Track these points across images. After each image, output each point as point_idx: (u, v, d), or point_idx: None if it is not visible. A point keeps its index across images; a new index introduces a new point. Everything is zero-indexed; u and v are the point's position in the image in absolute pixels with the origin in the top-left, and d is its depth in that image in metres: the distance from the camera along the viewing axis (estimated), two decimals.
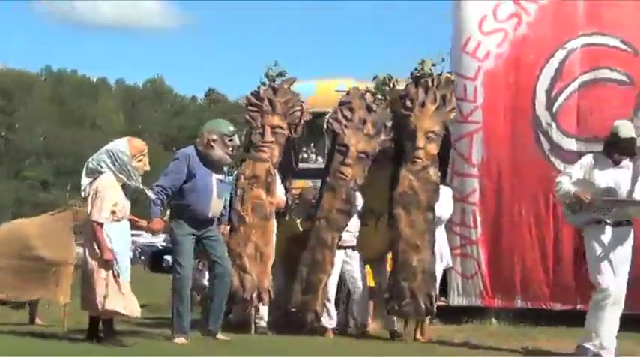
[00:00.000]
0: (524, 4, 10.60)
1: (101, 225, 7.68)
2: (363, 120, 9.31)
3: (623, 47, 10.29)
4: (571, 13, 10.53)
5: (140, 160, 7.96)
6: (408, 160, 9.05)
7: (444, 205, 9.20)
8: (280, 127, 9.43)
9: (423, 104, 9.14)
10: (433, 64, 9.36)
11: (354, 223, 9.27)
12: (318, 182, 9.90)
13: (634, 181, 7.87)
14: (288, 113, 9.52)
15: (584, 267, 9.83)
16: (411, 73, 9.40)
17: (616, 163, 7.91)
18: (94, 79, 79.12)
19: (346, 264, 9.26)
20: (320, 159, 11.81)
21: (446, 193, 9.29)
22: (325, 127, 9.53)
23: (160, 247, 30.67)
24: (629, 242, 7.92)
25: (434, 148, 9.09)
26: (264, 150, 9.30)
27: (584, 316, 9.48)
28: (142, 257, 32.61)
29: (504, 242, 10.30)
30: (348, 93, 9.57)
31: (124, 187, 7.89)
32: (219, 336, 8.30)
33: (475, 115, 10.37)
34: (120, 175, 7.83)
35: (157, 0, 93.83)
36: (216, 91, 67.39)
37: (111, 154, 7.86)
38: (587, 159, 8.15)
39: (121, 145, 7.94)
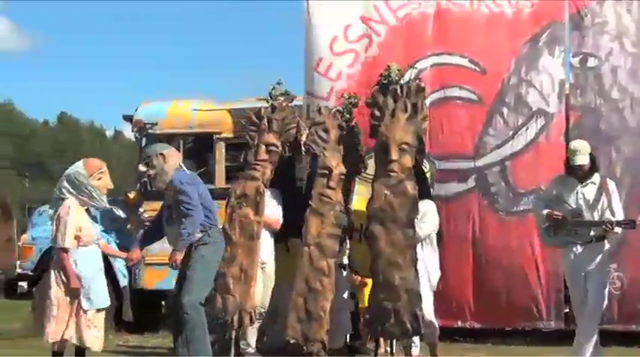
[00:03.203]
0: (374, 25, 10.76)
1: (66, 251, 7.44)
2: (338, 140, 9.00)
3: (472, 66, 10.54)
4: (420, 34, 10.74)
5: (100, 178, 7.77)
6: (382, 174, 8.55)
7: (427, 221, 8.77)
8: (275, 145, 9.08)
9: (393, 113, 8.67)
10: (398, 70, 8.93)
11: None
12: None
13: (598, 198, 7.99)
14: (283, 131, 9.19)
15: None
16: (378, 81, 8.95)
17: (581, 181, 8.03)
18: None
19: None
20: None
21: (428, 206, 8.85)
22: (304, 149, 9.17)
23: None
24: (603, 257, 8.02)
25: (408, 161, 8.50)
26: (257, 168, 8.97)
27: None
28: None
29: None
30: (319, 113, 9.22)
31: (89, 211, 7.75)
32: None
33: None
34: (82, 198, 7.65)
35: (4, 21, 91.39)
36: (68, 114, 65.95)
37: (69, 178, 7.68)
38: (557, 179, 8.33)
39: (78, 167, 7.77)
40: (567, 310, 9.96)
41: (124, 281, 11.86)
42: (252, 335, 9.05)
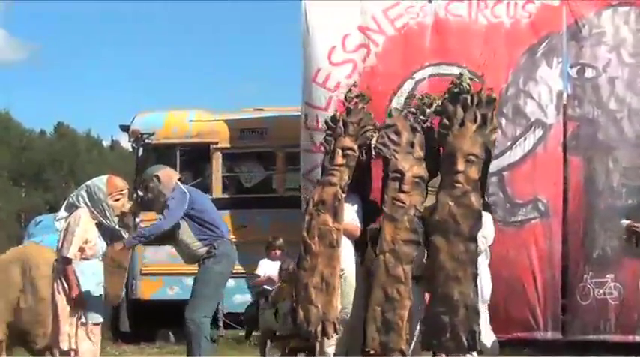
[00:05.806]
0: (372, 35, 10.77)
1: (69, 261, 7.41)
2: (411, 142, 8.70)
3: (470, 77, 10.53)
4: (418, 44, 10.76)
5: (117, 200, 7.74)
6: (447, 185, 8.35)
7: (486, 233, 8.54)
8: (351, 149, 8.78)
9: (462, 123, 8.47)
10: (470, 79, 8.84)
11: None
12: None
13: None
14: (360, 134, 8.87)
15: None
16: (448, 89, 8.78)
17: None
18: None
19: None
20: None
21: (485, 218, 8.54)
22: (374, 153, 8.85)
23: None
24: None
25: (475, 172, 8.29)
26: (334, 173, 8.69)
27: None
28: None
29: None
30: (390, 116, 9.05)
31: (101, 226, 7.66)
32: None
33: None
34: (95, 212, 7.61)
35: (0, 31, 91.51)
36: (65, 124, 65.82)
37: (89, 190, 7.66)
38: None
39: (100, 182, 7.75)
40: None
41: None
42: (328, 346, 8.65)
